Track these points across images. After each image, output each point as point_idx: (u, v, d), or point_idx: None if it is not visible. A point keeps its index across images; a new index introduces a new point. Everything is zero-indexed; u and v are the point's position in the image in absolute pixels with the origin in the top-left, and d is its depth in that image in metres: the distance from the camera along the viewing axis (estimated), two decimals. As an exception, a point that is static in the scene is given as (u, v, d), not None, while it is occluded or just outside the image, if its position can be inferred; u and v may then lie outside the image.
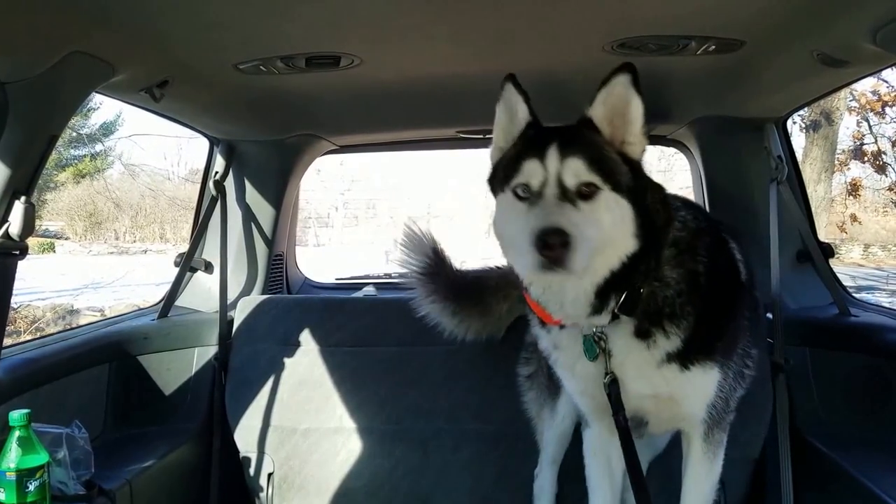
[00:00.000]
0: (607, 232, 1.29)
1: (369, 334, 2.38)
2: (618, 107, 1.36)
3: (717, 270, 1.49)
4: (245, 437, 2.29)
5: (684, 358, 1.46)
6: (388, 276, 3.42)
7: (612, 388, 1.45)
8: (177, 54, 1.67)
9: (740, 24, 1.53)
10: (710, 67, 1.84)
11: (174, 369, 2.32)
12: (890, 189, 13.02)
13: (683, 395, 1.52)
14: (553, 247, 1.19)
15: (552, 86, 2.07)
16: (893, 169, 12.06)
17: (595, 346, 1.44)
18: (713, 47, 1.67)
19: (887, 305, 2.82)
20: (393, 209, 24.36)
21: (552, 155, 1.31)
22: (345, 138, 2.79)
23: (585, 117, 1.39)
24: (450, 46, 1.72)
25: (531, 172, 1.32)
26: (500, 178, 1.41)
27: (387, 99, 2.18)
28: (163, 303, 2.48)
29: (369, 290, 3.04)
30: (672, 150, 2.93)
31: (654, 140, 2.82)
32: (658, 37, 1.63)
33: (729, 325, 1.54)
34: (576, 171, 1.29)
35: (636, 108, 1.34)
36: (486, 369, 2.28)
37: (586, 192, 1.29)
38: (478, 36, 1.65)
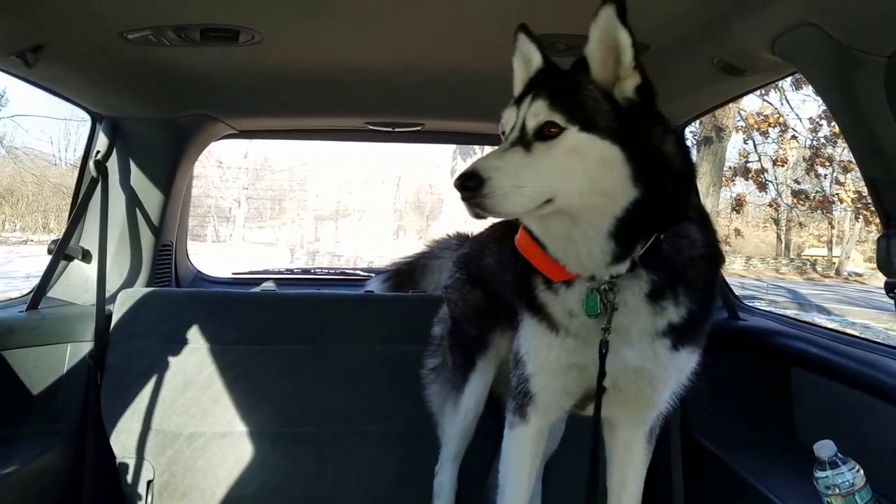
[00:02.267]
0: (575, 174, 1.21)
1: (267, 331, 2.24)
2: (606, 42, 1.25)
3: (718, 249, 1.43)
4: (122, 441, 2.10)
5: (680, 335, 1.36)
6: (290, 271, 3.28)
7: (604, 347, 1.32)
8: (53, 16, 1.50)
9: (647, 30, 1.56)
10: None
11: (43, 367, 2.09)
12: (770, 205, 14.16)
13: (664, 378, 1.41)
14: (467, 189, 1.16)
15: (459, 82, 2.05)
16: (774, 187, 13.13)
17: (598, 300, 1.32)
18: None
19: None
20: (300, 207, 23.82)
21: (526, 99, 1.26)
22: (244, 122, 2.64)
23: (581, 57, 1.30)
24: (354, 33, 1.66)
25: (508, 118, 1.30)
26: None
27: (289, 82, 2.07)
28: (32, 294, 2.22)
29: (269, 286, 2.89)
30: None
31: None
32: (566, 35, 1.63)
33: (712, 313, 1.47)
34: (536, 111, 1.23)
35: (624, 40, 1.24)
36: (390, 368, 2.21)
37: (549, 134, 1.21)
38: (381, 25, 1.60)
